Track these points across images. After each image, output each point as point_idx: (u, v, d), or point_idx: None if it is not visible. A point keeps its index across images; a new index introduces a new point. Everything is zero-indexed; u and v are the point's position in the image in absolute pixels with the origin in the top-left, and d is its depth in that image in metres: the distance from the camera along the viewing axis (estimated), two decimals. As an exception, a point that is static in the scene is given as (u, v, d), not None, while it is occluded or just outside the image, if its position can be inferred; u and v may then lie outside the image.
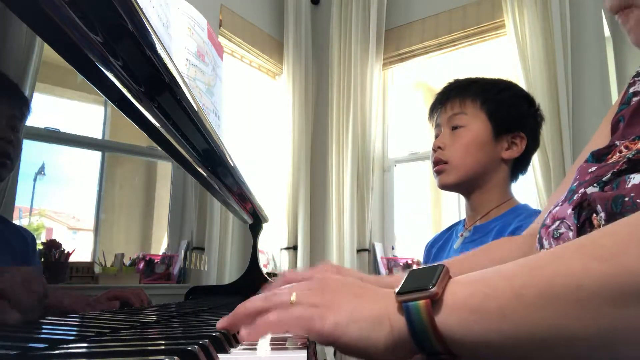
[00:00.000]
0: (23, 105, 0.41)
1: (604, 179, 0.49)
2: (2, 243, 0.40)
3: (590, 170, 0.53)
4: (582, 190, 0.50)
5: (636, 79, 0.59)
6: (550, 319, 0.31)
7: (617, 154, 0.51)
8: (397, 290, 0.38)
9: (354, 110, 2.61)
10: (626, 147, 0.51)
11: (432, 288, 0.36)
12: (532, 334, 0.32)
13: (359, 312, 0.39)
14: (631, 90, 0.58)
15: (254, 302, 0.45)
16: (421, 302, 0.36)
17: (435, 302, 0.36)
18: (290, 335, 0.54)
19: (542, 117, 1.07)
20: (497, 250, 0.69)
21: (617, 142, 0.53)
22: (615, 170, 0.48)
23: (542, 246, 0.54)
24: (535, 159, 2.00)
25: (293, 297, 0.42)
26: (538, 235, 0.56)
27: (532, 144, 1.05)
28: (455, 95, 1.04)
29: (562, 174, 1.96)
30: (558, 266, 0.32)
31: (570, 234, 0.50)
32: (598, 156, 0.55)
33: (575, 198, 0.50)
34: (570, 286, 0.30)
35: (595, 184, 0.49)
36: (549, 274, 0.32)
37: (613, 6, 0.54)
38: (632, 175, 0.45)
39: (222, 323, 0.46)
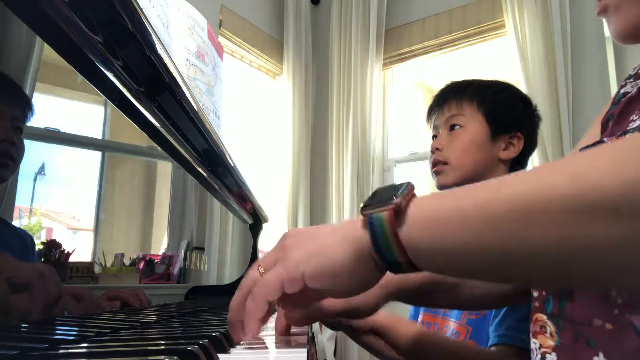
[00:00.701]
0: (25, 107, 0.41)
1: None
2: (1, 244, 0.40)
3: None
4: None
5: (627, 80, 0.61)
6: (513, 231, 0.31)
7: None
8: (361, 205, 0.39)
9: (354, 110, 2.61)
10: None
11: (395, 200, 0.36)
12: (493, 244, 0.32)
13: (316, 244, 0.40)
14: (622, 90, 0.60)
15: (234, 299, 0.45)
16: (384, 213, 0.36)
17: (399, 213, 0.36)
18: (292, 332, 0.54)
19: (539, 117, 1.07)
20: None
21: (605, 139, 0.54)
22: None
23: None
24: (535, 159, 2.00)
25: (261, 269, 0.43)
26: None
27: (530, 145, 1.05)
28: (452, 96, 1.05)
29: (562, 174, 1.95)
30: (526, 181, 0.32)
31: None
32: None
33: None
34: (536, 198, 0.30)
35: None
36: (515, 187, 0.32)
37: None
38: None
39: (236, 338, 0.46)
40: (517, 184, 0.32)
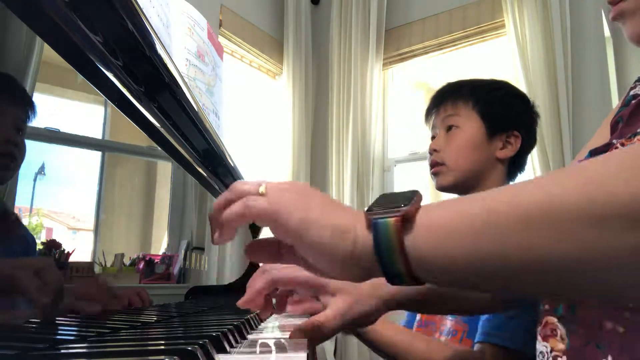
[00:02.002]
0: (25, 107, 0.41)
1: None
2: (2, 244, 0.40)
3: None
4: None
5: (638, 83, 0.60)
6: (522, 241, 0.30)
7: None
8: (366, 208, 0.37)
9: (354, 110, 2.61)
10: (622, 145, 0.51)
11: (404, 206, 0.34)
12: (504, 255, 0.31)
13: (326, 216, 0.38)
14: (631, 92, 0.59)
15: (220, 196, 0.42)
16: (391, 219, 0.34)
17: (407, 222, 0.34)
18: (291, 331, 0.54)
19: (537, 114, 1.07)
20: None
21: (615, 141, 0.54)
22: None
23: None
24: (535, 159, 2.00)
25: (262, 189, 0.40)
26: None
27: (528, 142, 1.05)
28: (448, 97, 1.05)
29: (562, 174, 1.95)
30: (540, 188, 0.31)
31: None
32: (596, 154, 0.55)
33: None
34: (545, 207, 0.29)
35: None
36: (528, 195, 0.31)
37: None
38: None
39: (216, 240, 0.43)
40: (527, 193, 0.31)
